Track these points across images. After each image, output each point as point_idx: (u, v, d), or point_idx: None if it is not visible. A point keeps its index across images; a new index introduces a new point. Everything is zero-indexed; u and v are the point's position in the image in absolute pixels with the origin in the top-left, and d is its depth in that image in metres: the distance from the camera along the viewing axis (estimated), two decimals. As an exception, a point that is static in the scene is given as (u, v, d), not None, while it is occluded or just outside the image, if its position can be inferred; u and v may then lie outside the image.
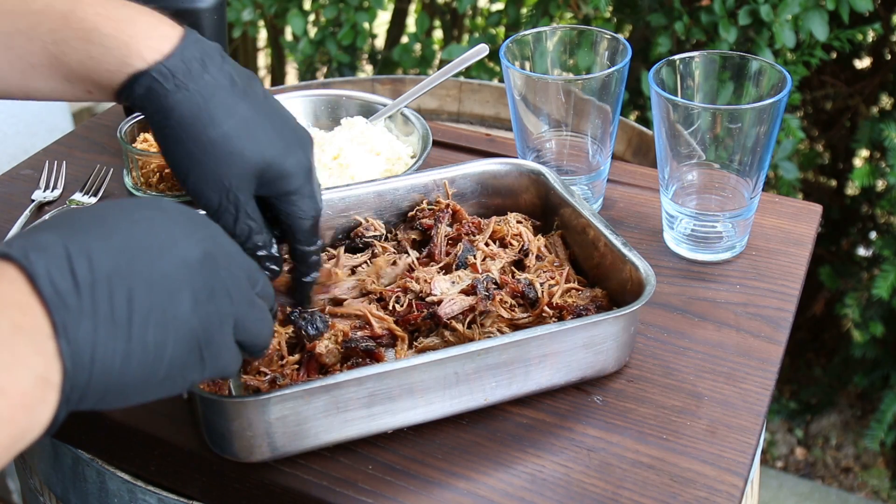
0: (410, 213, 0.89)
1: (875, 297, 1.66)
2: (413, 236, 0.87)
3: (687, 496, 0.68)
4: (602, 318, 0.72)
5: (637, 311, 0.73)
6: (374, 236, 0.86)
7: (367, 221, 0.88)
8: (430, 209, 0.88)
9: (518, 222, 0.88)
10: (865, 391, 2.12)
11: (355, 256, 0.85)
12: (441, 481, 0.69)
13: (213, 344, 0.54)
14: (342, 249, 0.85)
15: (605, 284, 0.81)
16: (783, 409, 2.14)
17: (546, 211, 0.90)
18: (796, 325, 0.90)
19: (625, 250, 0.78)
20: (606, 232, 0.81)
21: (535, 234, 0.88)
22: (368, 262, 0.84)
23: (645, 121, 1.79)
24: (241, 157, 0.67)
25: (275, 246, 0.72)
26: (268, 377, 0.73)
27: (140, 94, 0.66)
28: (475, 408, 0.73)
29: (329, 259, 0.84)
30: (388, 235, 0.88)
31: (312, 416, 0.67)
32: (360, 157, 0.98)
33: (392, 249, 0.86)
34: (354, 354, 0.74)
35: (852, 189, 2.06)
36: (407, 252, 0.85)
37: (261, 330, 0.59)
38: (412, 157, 1.01)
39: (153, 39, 0.65)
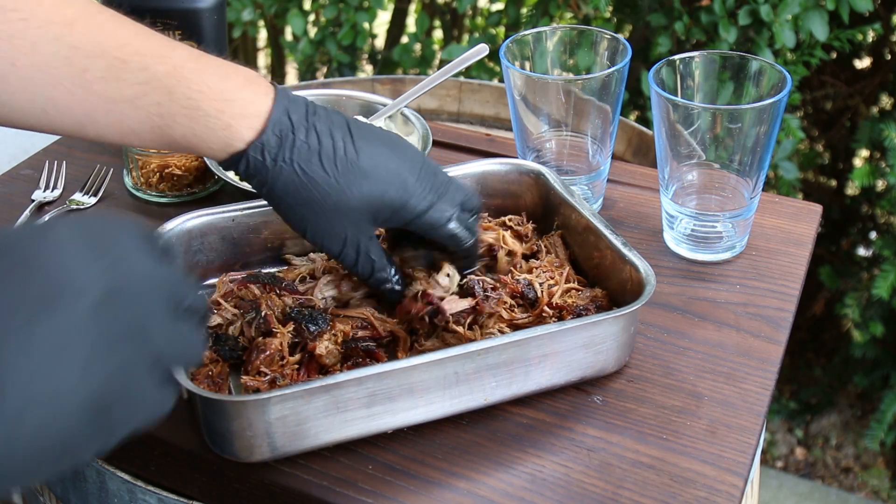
0: None
1: (875, 297, 1.66)
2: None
3: (687, 496, 0.68)
4: (602, 318, 0.72)
5: (637, 311, 0.73)
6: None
7: None
8: None
9: (507, 226, 0.89)
10: (865, 391, 2.12)
11: None
12: (441, 481, 0.69)
13: (128, 397, 0.47)
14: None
15: (606, 284, 0.81)
16: (783, 409, 2.14)
17: (546, 211, 0.90)
18: (796, 325, 0.90)
19: (625, 250, 0.78)
20: (606, 232, 0.81)
21: (531, 235, 0.88)
22: None
23: (645, 121, 1.79)
24: (347, 207, 0.70)
25: (397, 275, 0.76)
26: (268, 377, 0.73)
27: (244, 171, 0.69)
28: (475, 408, 0.73)
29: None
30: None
31: (312, 416, 0.67)
32: (360, 157, 0.98)
33: None
34: (355, 354, 0.75)
35: (852, 189, 2.06)
36: None
37: (189, 354, 0.53)
38: (412, 157, 1.01)
39: (249, 118, 0.68)
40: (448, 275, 0.78)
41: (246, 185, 0.94)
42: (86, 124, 0.68)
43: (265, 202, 0.75)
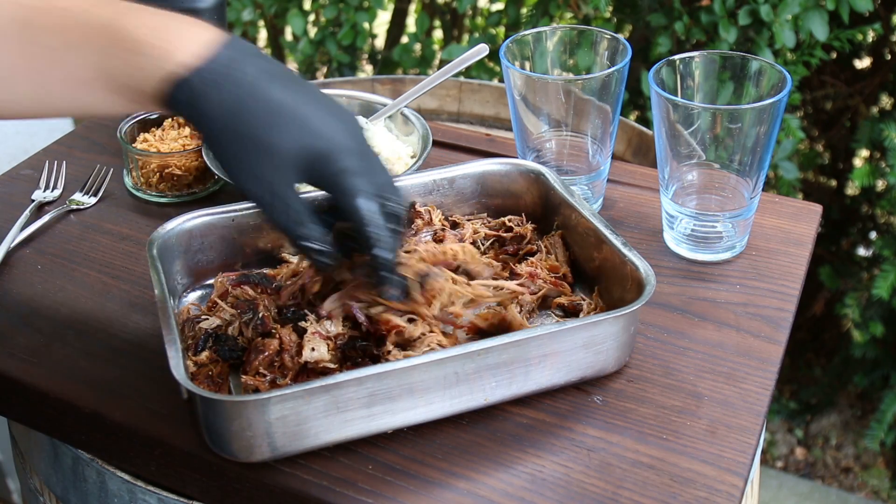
0: None
1: (875, 297, 1.66)
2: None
3: (687, 496, 0.68)
4: (602, 318, 0.72)
5: (637, 312, 0.73)
6: None
7: None
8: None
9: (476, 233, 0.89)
10: (865, 391, 2.12)
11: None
12: (441, 481, 0.69)
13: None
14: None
15: (606, 284, 0.81)
16: (783, 409, 2.14)
17: (546, 211, 0.90)
18: (796, 325, 0.90)
19: (625, 250, 0.78)
20: (606, 232, 0.81)
21: (531, 235, 0.88)
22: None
23: (645, 121, 1.79)
24: (275, 149, 0.68)
25: (326, 238, 0.72)
26: (268, 378, 0.73)
27: (183, 101, 0.67)
28: (475, 408, 0.73)
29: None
30: None
31: (312, 416, 0.67)
32: (360, 157, 0.98)
33: None
34: (353, 356, 0.74)
35: (852, 189, 2.06)
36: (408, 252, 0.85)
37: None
38: (412, 157, 1.01)
39: (193, 45, 0.67)
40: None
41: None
42: (35, 81, 0.68)
43: None
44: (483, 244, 0.90)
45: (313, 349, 0.73)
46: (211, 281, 0.85)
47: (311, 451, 0.70)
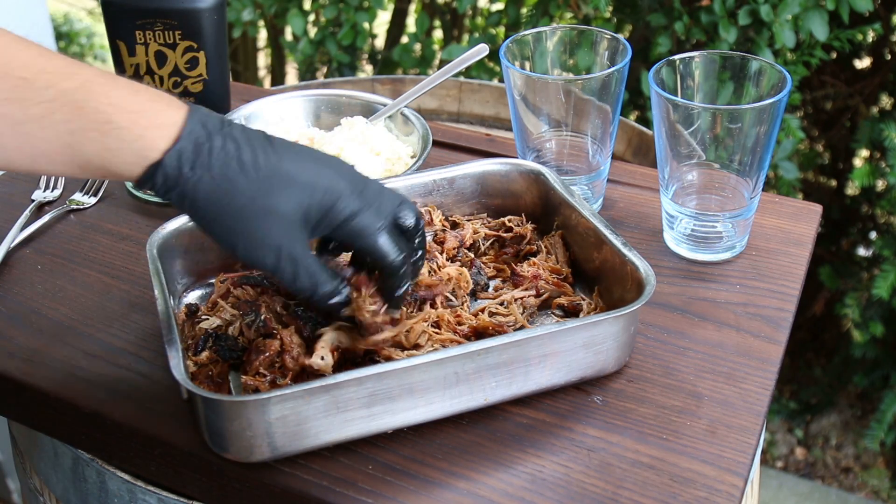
0: None
1: (875, 297, 1.66)
2: None
3: (687, 496, 0.68)
4: (602, 318, 0.72)
5: (637, 312, 0.73)
6: None
7: None
8: None
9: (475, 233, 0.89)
10: (865, 391, 2.12)
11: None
12: (441, 481, 0.69)
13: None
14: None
15: (606, 285, 0.81)
16: (783, 409, 2.14)
17: (546, 211, 0.90)
18: (796, 325, 0.90)
19: (625, 250, 0.78)
20: (606, 232, 0.81)
21: (530, 236, 0.89)
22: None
23: (645, 121, 1.79)
24: (276, 213, 0.67)
25: (345, 290, 0.71)
26: (268, 378, 0.73)
27: (161, 183, 0.66)
28: (475, 408, 0.73)
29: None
30: None
31: (312, 416, 0.67)
32: (361, 156, 0.98)
33: None
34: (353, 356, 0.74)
35: (852, 189, 2.06)
36: None
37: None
38: (412, 157, 1.01)
39: (163, 128, 0.65)
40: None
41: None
42: None
43: None
44: (483, 244, 0.90)
45: (322, 358, 0.73)
46: (211, 281, 0.85)
47: (311, 451, 0.70)
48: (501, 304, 0.83)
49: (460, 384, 0.70)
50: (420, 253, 0.75)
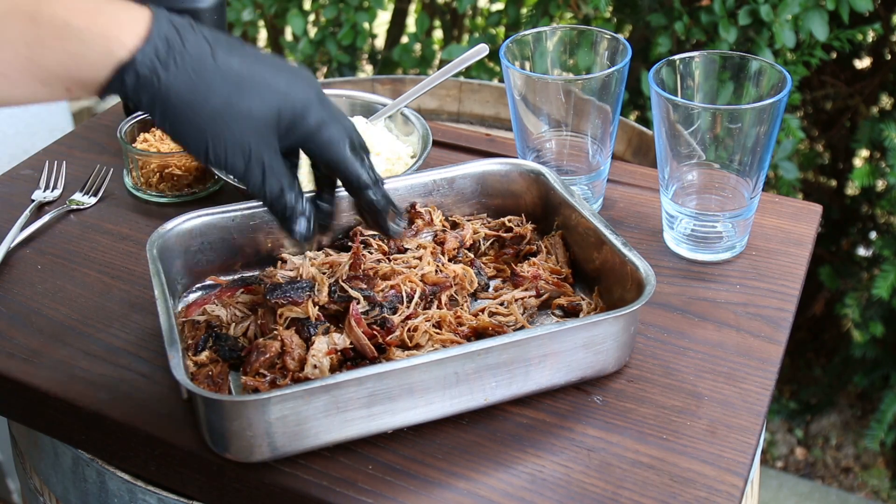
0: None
1: (875, 297, 1.66)
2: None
3: (687, 496, 0.68)
4: (602, 318, 0.72)
5: (637, 311, 0.73)
6: (372, 235, 0.86)
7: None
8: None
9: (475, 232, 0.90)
10: (865, 391, 2.12)
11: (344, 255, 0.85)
12: (441, 481, 0.69)
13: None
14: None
15: (606, 285, 0.81)
16: (783, 409, 2.14)
17: (546, 211, 0.90)
18: (796, 325, 0.90)
19: (625, 250, 0.78)
20: (606, 232, 0.81)
21: (530, 236, 0.89)
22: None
23: (645, 121, 1.79)
24: (251, 115, 0.66)
25: (306, 204, 0.71)
26: (268, 378, 0.73)
27: (132, 85, 0.63)
28: (475, 408, 0.73)
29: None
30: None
31: (312, 416, 0.67)
32: (360, 157, 0.98)
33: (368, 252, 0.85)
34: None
35: (852, 189, 2.06)
36: (399, 252, 0.86)
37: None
38: (412, 157, 1.01)
39: (128, 24, 0.63)
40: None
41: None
42: None
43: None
44: (483, 244, 0.90)
45: (315, 367, 0.73)
46: (210, 281, 0.85)
47: (311, 451, 0.70)
48: (502, 304, 0.83)
49: (460, 384, 0.70)
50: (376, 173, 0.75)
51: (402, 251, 0.86)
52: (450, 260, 0.87)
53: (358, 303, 0.77)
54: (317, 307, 0.77)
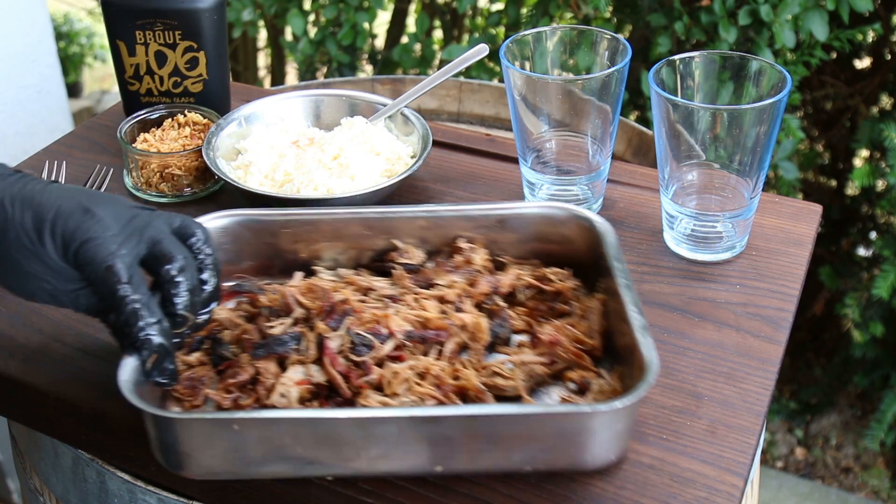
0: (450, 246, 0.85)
1: (875, 297, 1.66)
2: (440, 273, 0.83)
3: (687, 496, 0.68)
4: (566, 411, 0.66)
5: (618, 412, 0.64)
6: (405, 264, 0.83)
7: (404, 248, 0.84)
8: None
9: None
10: (865, 391, 2.12)
11: (378, 279, 0.82)
12: (441, 482, 0.69)
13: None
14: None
15: (628, 366, 0.72)
16: (783, 409, 2.14)
17: (598, 269, 0.81)
18: (796, 325, 0.90)
19: (638, 334, 0.69)
20: (630, 306, 0.72)
21: (567, 294, 0.81)
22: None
23: (645, 121, 1.79)
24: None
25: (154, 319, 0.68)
26: (232, 396, 0.72)
27: None
28: (426, 474, 0.69)
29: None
30: (420, 266, 0.84)
31: (242, 445, 0.65)
32: (360, 156, 0.98)
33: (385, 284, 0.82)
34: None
35: (852, 189, 2.06)
36: (427, 286, 0.81)
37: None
38: (412, 157, 1.01)
39: None
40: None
41: (248, 186, 0.94)
42: None
43: (310, 209, 0.76)
44: (524, 293, 0.83)
45: (283, 395, 0.71)
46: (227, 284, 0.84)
47: (249, 480, 0.69)
48: (505, 364, 0.76)
49: (407, 446, 0.66)
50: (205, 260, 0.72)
51: (429, 286, 0.81)
52: (476, 305, 0.81)
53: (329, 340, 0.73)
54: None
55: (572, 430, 0.65)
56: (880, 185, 1.85)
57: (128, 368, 0.67)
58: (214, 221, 0.82)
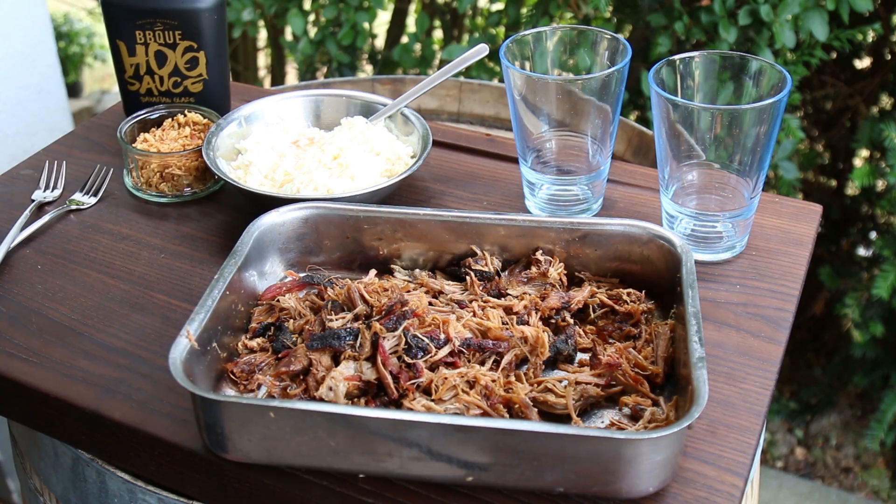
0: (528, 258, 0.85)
1: (875, 297, 1.66)
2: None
3: (687, 496, 0.68)
4: (599, 435, 0.63)
5: (656, 440, 0.63)
6: (479, 271, 0.83)
7: (481, 255, 0.84)
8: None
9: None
10: (865, 391, 2.12)
11: (451, 283, 0.83)
12: (441, 482, 0.69)
13: None
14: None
15: (687, 395, 0.69)
16: (783, 409, 2.14)
17: (674, 292, 0.80)
18: (796, 325, 0.90)
19: (693, 366, 0.67)
20: (692, 335, 0.70)
21: (641, 318, 0.81)
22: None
23: (645, 121, 1.79)
24: None
25: None
26: (281, 384, 0.73)
27: None
28: (455, 483, 0.68)
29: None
30: (498, 273, 0.84)
31: (279, 435, 0.66)
32: (360, 156, 0.98)
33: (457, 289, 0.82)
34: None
35: (852, 189, 2.06)
36: (498, 295, 0.82)
37: None
38: (412, 157, 1.01)
39: None
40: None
41: (248, 186, 0.94)
42: None
43: (392, 206, 0.77)
44: (596, 310, 0.82)
45: (330, 389, 0.71)
46: (282, 275, 0.85)
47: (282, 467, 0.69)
48: (560, 382, 0.75)
49: (439, 453, 0.65)
50: None
51: (501, 295, 0.82)
52: (544, 319, 0.80)
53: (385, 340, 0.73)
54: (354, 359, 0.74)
55: (604, 455, 0.64)
56: (880, 185, 1.85)
57: (180, 348, 0.69)
58: (295, 213, 0.84)
